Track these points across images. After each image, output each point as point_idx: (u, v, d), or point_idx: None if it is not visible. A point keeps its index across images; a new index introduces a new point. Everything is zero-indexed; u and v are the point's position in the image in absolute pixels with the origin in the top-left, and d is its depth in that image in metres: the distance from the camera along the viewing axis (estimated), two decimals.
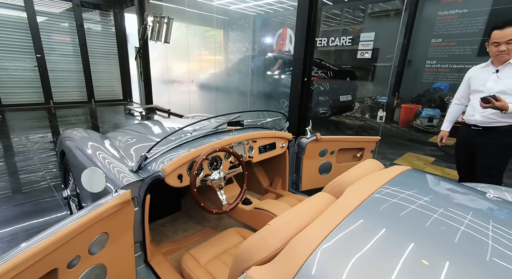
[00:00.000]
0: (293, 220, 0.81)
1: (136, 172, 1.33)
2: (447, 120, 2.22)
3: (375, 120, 6.19)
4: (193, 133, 1.62)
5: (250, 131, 1.80)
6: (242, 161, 1.51)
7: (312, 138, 2.03)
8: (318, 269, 0.61)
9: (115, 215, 1.04)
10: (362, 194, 0.90)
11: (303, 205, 0.90)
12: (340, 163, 2.24)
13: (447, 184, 1.07)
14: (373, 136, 2.22)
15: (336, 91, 5.64)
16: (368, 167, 1.28)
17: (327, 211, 0.83)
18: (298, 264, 0.63)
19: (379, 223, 0.75)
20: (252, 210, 1.61)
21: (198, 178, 1.42)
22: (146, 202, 1.28)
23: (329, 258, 0.63)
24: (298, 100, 3.84)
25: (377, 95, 6.57)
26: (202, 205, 1.32)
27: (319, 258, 0.63)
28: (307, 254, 0.65)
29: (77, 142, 1.77)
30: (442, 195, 0.98)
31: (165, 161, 1.36)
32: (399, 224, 0.74)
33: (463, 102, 2.12)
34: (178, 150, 1.46)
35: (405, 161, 3.86)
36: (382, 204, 0.85)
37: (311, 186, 2.21)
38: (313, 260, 0.63)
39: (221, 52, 5.92)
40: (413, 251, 0.63)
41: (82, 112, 6.80)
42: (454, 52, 5.04)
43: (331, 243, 0.67)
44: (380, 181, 1.00)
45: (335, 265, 0.60)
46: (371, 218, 0.77)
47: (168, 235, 1.78)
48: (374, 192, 0.92)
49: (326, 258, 0.63)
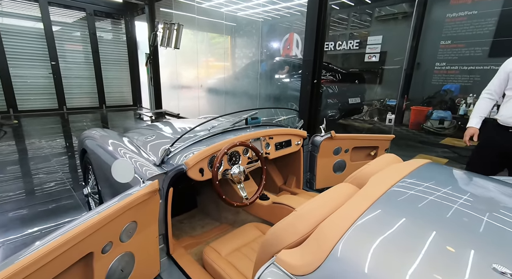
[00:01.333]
0: (320, 207, 0.83)
1: (159, 165, 1.37)
2: (476, 116, 1.96)
3: (384, 123, 6.17)
4: (211, 130, 1.66)
5: (266, 128, 1.84)
6: (261, 156, 1.54)
7: (327, 136, 2.04)
8: (348, 251, 0.63)
9: (143, 205, 1.08)
10: (385, 183, 0.91)
11: (327, 194, 0.92)
12: (354, 161, 2.24)
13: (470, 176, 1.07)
14: (387, 135, 2.22)
15: (344, 94, 5.66)
16: (388, 160, 1.29)
17: (353, 199, 0.85)
18: (329, 247, 0.65)
19: (404, 210, 0.76)
20: (270, 204, 1.63)
21: (219, 171, 1.45)
22: (169, 195, 1.31)
23: (357, 241, 0.65)
24: (308, 102, 3.87)
25: (385, 98, 6.55)
26: (224, 198, 1.34)
27: (348, 241, 0.65)
28: (337, 237, 0.66)
29: (98, 140, 1.82)
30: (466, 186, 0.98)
31: (187, 155, 1.40)
32: (423, 212, 0.76)
33: (495, 97, 1.90)
34: (198, 145, 1.50)
35: None
36: (405, 194, 0.87)
37: (326, 184, 2.22)
38: (342, 243, 0.65)
39: (229, 57, 6.02)
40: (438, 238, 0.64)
41: (94, 117, 6.96)
42: (464, 54, 5.02)
43: (359, 228, 0.68)
44: (402, 172, 1.02)
45: (363, 249, 0.62)
46: (396, 205, 0.79)
47: (186, 231, 1.81)
48: (397, 182, 0.94)
49: (355, 242, 0.64)
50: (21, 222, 2.17)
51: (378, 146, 2.24)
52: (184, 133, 1.41)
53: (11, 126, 5.52)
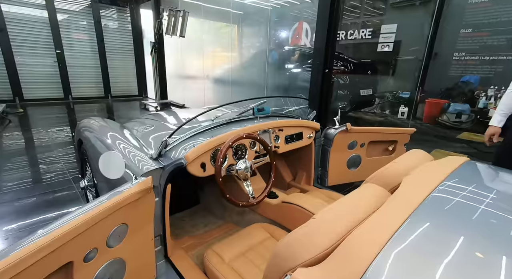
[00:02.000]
0: (344, 214, 0.67)
1: (156, 159, 1.23)
2: (500, 113, 1.77)
3: (396, 117, 5.91)
4: (215, 120, 1.51)
5: (276, 119, 1.67)
6: (270, 150, 1.39)
7: (342, 129, 1.87)
8: (389, 275, 0.47)
9: (135, 204, 0.94)
10: (424, 187, 0.75)
11: (351, 197, 0.76)
12: (370, 156, 2.07)
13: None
14: (408, 128, 2.04)
15: (356, 85, 5.43)
16: (416, 157, 1.12)
17: (387, 205, 0.69)
18: (362, 268, 0.50)
19: (457, 224, 0.61)
20: (279, 204, 1.49)
21: (223, 166, 1.31)
22: (167, 192, 1.17)
23: (400, 261, 0.49)
24: (318, 93, 3.67)
25: (398, 90, 6.27)
26: (228, 197, 1.20)
27: (387, 261, 0.50)
28: (371, 255, 0.51)
29: (95, 131, 1.69)
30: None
31: (187, 148, 1.25)
32: (475, 227, 0.60)
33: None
34: (200, 137, 1.35)
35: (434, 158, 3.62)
36: (451, 201, 0.71)
37: (338, 181, 2.06)
38: (381, 262, 0.50)
39: (236, 46, 5.81)
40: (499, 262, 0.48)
41: (99, 107, 6.88)
42: (486, 43, 4.71)
43: (400, 244, 0.53)
44: (441, 173, 0.85)
45: (409, 273, 0.47)
46: (445, 216, 0.63)
47: (187, 230, 1.69)
48: (437, 186, 0.77)
49: (397, 262, 0.49)
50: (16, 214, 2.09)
51: (397, 140, 2.06)
52: (184, 123, 1.26)
53: (17, 115, 5.48)
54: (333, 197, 1.75)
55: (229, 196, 1.21)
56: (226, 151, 1.21)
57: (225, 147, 1.20)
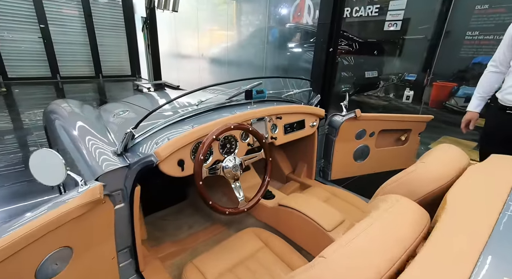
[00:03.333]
0: (369, 251, 0.44)
1: (122, 155, 0.98)
2: (477, 97, 1.57)
3: (401, 101, 5.65)
4: (199, 105, 1.25)
5: (273, 104, 1.41)
6: (265, 143, 1.14)
7: (350, 116, 1.62)
8: None
9: (82, 220, 0.71)
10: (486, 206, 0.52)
11: (374, 220, 0.52)
12: (380, 147, 1.83)
13: None
14: (425, 115, 1.79)
15: (361, 67, 5.10)
16: (450, 156, 0.89)
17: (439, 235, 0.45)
18: None
19: None
20: (275, 207, 1.26)
21: (205, 164, 1.07)
22: (135, 196, 0.95)
23: None
24: (321, 74, 3.37)
25: (404, 73, 5.94)
26: (211, 204, 0.97)
27: None
28: None
29: (62, 118, 1.43)
30: None
31: (160, 141, 1.00)
32: None
33: (501, 69, 1.49)
34: (179, 127, 1.10)
35: None
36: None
37: (343, 174, 1.84)
38: None
39: (234, 23, 5.39)
40: None
41: (90, 88, 6.54)
42: (503, 21, 4.33)
43: None
44: (501, 182, 0.61)
45: None
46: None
47: (169, 232, 1.47)
48: (506, 201, 0.53)
49: None
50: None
51: (411, 128, 1.81)
52: (154, 109, 1.00)
53: None
54: (337, 194, 1.54)
55: (212, 203, 0.99)
56: (210, 145, 0.97)
57: (207, 141, 0.95)
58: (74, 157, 1.06)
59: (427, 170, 0.83)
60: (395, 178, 0.91)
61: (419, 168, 0.85)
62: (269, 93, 1.54)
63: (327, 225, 1.04)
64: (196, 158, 0.95)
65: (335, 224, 1.06)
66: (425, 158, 0.94)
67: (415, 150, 1.93)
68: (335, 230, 1.04)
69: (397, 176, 0.91)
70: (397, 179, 0.91)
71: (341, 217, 1.11)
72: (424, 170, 0.83)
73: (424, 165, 0.85)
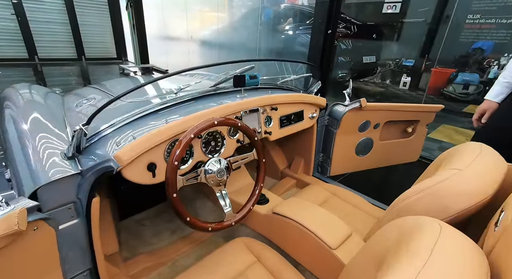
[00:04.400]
0: None
1: (74, 158, 0.78)
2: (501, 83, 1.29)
3: (398, 87, 5.49)
4: (179, 93, 1.04)
5: (268, 93, 1.21)
6: (257, 141, 0.95)
7: (353, 106, 1.44)
8: None
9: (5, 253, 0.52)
10: None
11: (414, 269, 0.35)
12: (384, 140, 1.67)
13: None
14: (435, 105, 1.62)
15: (359, 51, 4.86)
16: (487, 160, 0.73)
17: None
18: None
19: None
20: (269, 215, 1.09)
21: (183, 168, 0.88)
22: (93, 209, 0.75)
23: None
24: (318, 59, 3.13)
25: (402, 58, 5.74)
26: (189, 221, 0.78)
27: None
28: None
29: (15, 107, 1.20)
30: None
31: (122, 141, 0.80)
32: None
33: None
34: (151, 121, 0.90)
35: (443, 135, 3.27)
36: None
37: (343, 170, 1.68)
38: None
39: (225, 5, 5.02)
40: None
41: (72, 71, 6.12)
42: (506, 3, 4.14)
43: None
44: None
45: None
46: None
47: (146, 240, 1.29)
48: None
49: None
50: None
51: (419, 119, 1.65)
52: (113, 100, 0.77)
53: None
54: (338, 194, 1.38)
55: (190, 219, 0.80)
56: (186, 148, 0.76)
57: (184, 142, 0.75)
58: (17, 158, 0.85)
59: (465, 179, 0.66)
60: (421, 187, 0.74)
61: (455, 177, 0.67)
62: (262, 79, 1.33)
63: (331, 241, 0.88)
64: (169, 163, 0.75)
65: (341, 240, 0.91)
66: (457, 162, 0.76)
67: (421, 142, 1.78)
68: (341, 248, 0.88)
69: (424, 184, 0.74)
70: (424, 188, 0.73)
71: (348, 229, 0.95)
72: (462, 180, 0.66)
73: (461, 173, 0.67)
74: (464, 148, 0.86)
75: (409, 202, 0.74)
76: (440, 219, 0.70)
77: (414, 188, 0.76)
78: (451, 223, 0.69)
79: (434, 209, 0.70)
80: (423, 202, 0.72)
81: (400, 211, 0.77)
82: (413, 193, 0.74)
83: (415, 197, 0.73)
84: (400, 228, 0.60)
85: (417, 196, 0.73)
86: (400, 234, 0.58)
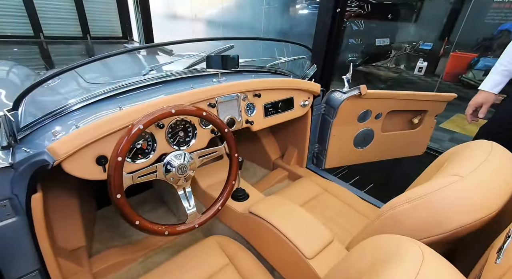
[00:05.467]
0: None
1: (10, 147, 0.69)
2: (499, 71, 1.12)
3: (412, 73, 5.16)
4: (146, 75, 0.92)
5: (251, 77, 1.07)
6: (228, 133, 0.83)
7: (352, 93, 1.29)
8: None
9: None
10: None
11: None
12: (387, 131, 1.52)
13: None
14: (445, 93, 1.44)
15: (371, 33, 4.54)
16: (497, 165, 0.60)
17: None
18: None
19: None
20: (245, 214, 0.99)
21: (141, 162, 0.78)
22: (34, 206, 0.67)
23: None
24: (325, 41, 2.91)
25: (419, 41, 5.35)
26: (138, 224, 0.69)
27: None
28: None
29: None
30: None
31: (63, 130, 0.70)
32: None
33: None
34: (105, 107, 0.79)
35: (455, 125, 3.06)
36: None
37: (339, 162, 1.55)
38: None
39: None
40: None
41: (78, 49, 6.05)
42: None
43: None
44: None
45: None
46: None
47: (121, 232, 1.23)
48: None
49: None
50: None
51: (427, 109, 1.48)
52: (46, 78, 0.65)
53: None
54: (330, 189, 1.27)
55: (139, 222, 0.70)
56: (131, 141, 0.65)
57: (130, 134, 0.63)
58: None
59: (466, 189, 0.54)
60: (412, 195, 0.62)
61: (453, 186, 0.55)
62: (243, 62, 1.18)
63: (307, 250, 0.78)
64: (111, 159, 0.65)
65: (318, 248, 0.80)
66: (460, 165, 0.63)
67: (429, 135, 1.62)
68: (317, 257, 0.78)
69: (416, 192, 0.61)
70: (414, 197, 0.61)
71: (329, 235, 0.85)
72: (461, 190, 0.53)
73: (461, 181, 0.55)
74: (472, 146, 0.72)
75: (397, 212, 0.63)
76: (431, 235, 0.58)
77: (405, 195, 0.64)
78: (442, 241, 0.57)
79: (424, 223, 0.58)
80: (412, 213, 0.60)
81: (385, 222, 0.65)
82: (403, 201, 0.62)
83: (404, 206, 0.61)
84: (376, 249, 0.49)
85: (406, 206, 0.61)
86: (375, 258, 0.47)
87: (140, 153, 0.81)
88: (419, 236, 0.59)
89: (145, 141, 0.81)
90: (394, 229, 0.64)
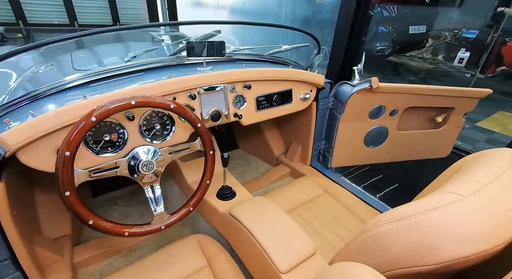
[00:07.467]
0: None
1: None
2: None
3: (451, 64, 4.67)
4: (129, 62, 0.87)
5: (241, 66, 0.98)
6: (201, 128, 0.76)
7: (362, 86, 1.15)
8: None
9: None
10: None
11: None
12: (403, 130, 1.36)
13: None
14: (479, 89, 1.25)
15: (404, 19, 4.16)
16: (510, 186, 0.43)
17: None
18: None
19: None
20: (225, 215, 0.92)
21: (110, 156, 0.73)
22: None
23: None
24: (347, 28, 2.67)
25: (462, 28, 4.80)
26: (92, 224, 0.65)
27: None
28: None
29: None
30: None
31: (18, 120, 0.67)
32: None
33: None
34: (70, 97, 0.75)
35: (495, 124, 2.72)
36: None
37: (347, 162, 1.43)
38: None
39: None
40: None
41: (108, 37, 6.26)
42: None
43: None
44: None
45: None
46: None
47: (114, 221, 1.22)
48: None
49: None
50: None
51: (454, 107, 1.29)
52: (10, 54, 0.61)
53: (14, 40, 5.11)
54: (331, 191, 1.16)
55: (93, 222, 0.66)
56: (83, 135, 0.60)
57: (80, 127, 0.58)
58: None
59: (467, 213, 0.42)
60: (400, 213, 0.51)
61: (452, 207, 0.44)
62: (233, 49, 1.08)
63: (282, 263, 0.70)
64: (59, 154, 0.60)
65: (295, 262, 0.71)
66: (467, 180, 0.51)
67: (455, 135, 1.42)
68: (292, 272, 0.70)
69: (406, 209, 0.51)
70: (403, 216, 0.50)
71: (311, 247, 0.75)
72: (462, 213, 0.42)
73: (462, 202, 0.43)
74: (493, 155, 0.58)
75: (380, 232, 0.52)
76: (417, 265, 0.47)
77: (394, 212, 0.53)
78: (431, 274, 0.46)
79: (411, 250, 0.48)
80: (398, 235, 0.49)
81: (367, 242, 0.55)
82: (390, 218, 0.52)
83: (390, 226, 0.51)
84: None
85: (392, 226, 0.50)
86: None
87: (110, 145, 0.77)
88: (403, 265, 0.48)
89: (116, 133, 0.76)
90: (377, 250, 0.53)
